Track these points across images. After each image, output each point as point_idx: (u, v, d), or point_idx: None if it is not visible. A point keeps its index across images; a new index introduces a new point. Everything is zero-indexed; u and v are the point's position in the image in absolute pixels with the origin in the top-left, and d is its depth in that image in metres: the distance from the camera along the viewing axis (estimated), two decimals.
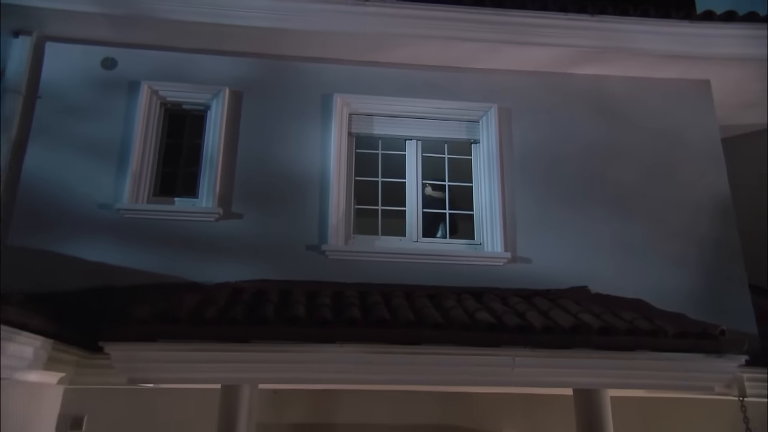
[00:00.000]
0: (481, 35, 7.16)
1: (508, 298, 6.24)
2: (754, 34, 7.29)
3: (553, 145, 7.62)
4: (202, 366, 5.03)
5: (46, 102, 6.80)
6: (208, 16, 6.71)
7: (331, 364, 5.11)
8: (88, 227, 6.48)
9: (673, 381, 5.47)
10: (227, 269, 6.58)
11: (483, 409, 7.11)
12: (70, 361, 5.38)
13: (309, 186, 7.15)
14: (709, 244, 7.37)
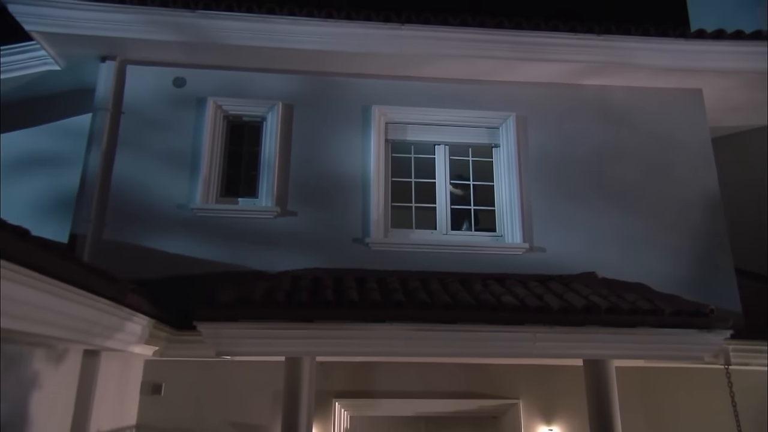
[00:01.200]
0: (501, 53, 7.56)
1: (527, 283, 6.69)
2: (741, 50, 7.64)
3: (564, 148, 7.98)
4: (275, 341, 5.63)
5: (129, 117, 7.32)
6: (265, 41, 7.20)
7: (382, 340, 5.65)
8: (168, 224, 7.00)
9: (669, 352, 5.96)
10: (286, 259, 7.08)
11: (502, 379, 7.53)
12: (163, 337, 5.99)
13: (352, 186, 7.58)
14: (700, 235, 7.73)
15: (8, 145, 7.39)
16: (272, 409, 7.03)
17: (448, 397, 7.56)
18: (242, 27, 7.14)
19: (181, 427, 6.93)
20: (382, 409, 7.56)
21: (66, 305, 3.91)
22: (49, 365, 4.97)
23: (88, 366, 5.68)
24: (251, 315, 5.43)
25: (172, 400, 6.97)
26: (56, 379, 5.12)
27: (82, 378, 5.66)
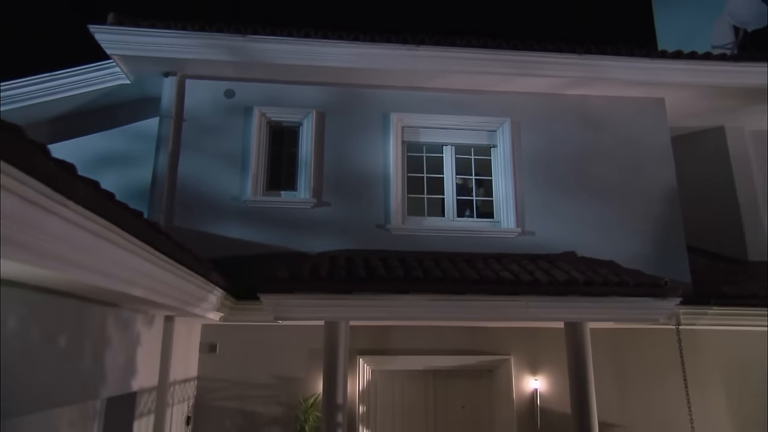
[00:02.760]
0: (499, 69, 8.09)
1: (520, 261, 7.34)
2: (694, 67, 8.23)
3: (550, 148, 8.50)
4: (319, 309, 6.35)
5: (189, 124, 7.88)
6: (302, 59, 7.75)
7: (405, 308, 6.39)
8: (224, 213, 7.63)
9: (633, 316, 6.70)
10: (322, 242, 7.74)
11: (497, 339, 8.17)
12: (228, 306, 6.72)
13: (375, 181, 8.15)
14: (660, 221, 8.32)
15: (87, 147, 7.96)
16: (307, 364, 7.77)
17: (452, 354, 8.17)
18: (283, 48, 7.67)
19: (233, 379, 7.65)
20: (398, 363, 8.18)
21: (176, 280, 4.73)
22: (145, 327, 5.81)
23: (167, 329, 6.49)
24: (301, 288, 6.14)
25: (225, 357, 7.68)
26: (149, 338, 5.96)
27: (164, 338, 6.40)
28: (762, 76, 8.14)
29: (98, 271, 3.28)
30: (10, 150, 2.04)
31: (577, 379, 6.57)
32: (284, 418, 7.56)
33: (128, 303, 5.01)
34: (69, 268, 2.92)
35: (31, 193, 2.30)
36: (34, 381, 3.74)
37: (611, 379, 8.04)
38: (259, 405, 7.64)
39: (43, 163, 2.27)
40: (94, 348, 4.61)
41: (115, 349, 5.02)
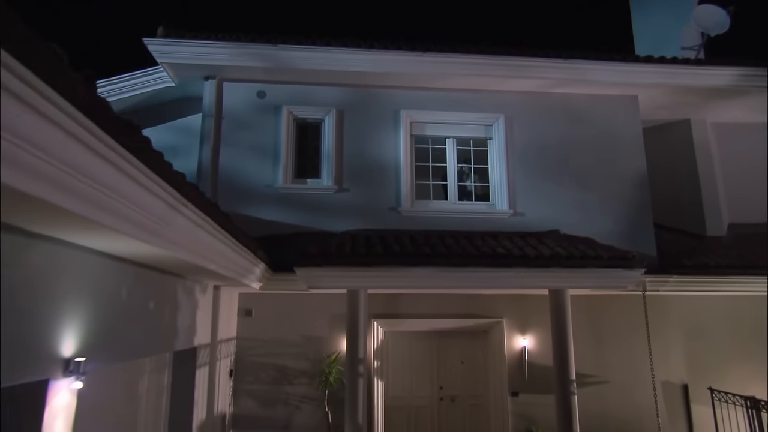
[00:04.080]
0: (494, 72, 8.47)
1: (512, 238, 7.93)
2: (663, 70, 8.66)
3: (539, 140, 8.88)
4: (344, 279, 6.96)
5: (228, 121, 8.33)
6: (324, 64, 8.16)
7: (415, 278, 6.99)
8: (260, 199, 8.14)
9: (606, 284, 7.26)
10: (343, 223, 8.25)
11: (491, 304, 8.75)
12: (267, 277, 7.39)
13: (388, 169, 8.57)
14: (632, 203, 8.78)
15: None
16: (329, 326, 8.43)
17: (453, 317, 8.74)
18: (308, 55, 8.09)
19: (266, 339, 8.31)
20: (406, 325, 8.79)
21: (236, 257, 5.49)
22: (201, 295, 6.57)
23: (216, 297, 7.23)
24: (329, 262, 6.78)
25: (259, 320, 8.34)
26: (204, 304, 6.72)
27: (213, 304, 7.17)
28: (720, 78, 8.70)
29: (195, 252, 4.05)
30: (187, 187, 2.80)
31: (559, 338, 7.13)
32: (311, 371, 8.21)
33: (192, 275, 5.77)
34: (180, 249, 3.69)
35: (171, 200, 3.06)
36: (133, 335, 4.55)
37: (588, 337, 8.63)
38: (289, 360, 8.30)
39: (190, 190, 3.03)
40: (169, 311, 5.40)
41: (182, 312, 5.81)
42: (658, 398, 8.36)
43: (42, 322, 3.02)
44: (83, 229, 2.72)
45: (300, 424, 8.13)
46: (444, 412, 8.86)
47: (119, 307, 4.10)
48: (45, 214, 2.36)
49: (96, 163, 2.30)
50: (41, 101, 1.82)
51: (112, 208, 2.62)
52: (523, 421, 8.39)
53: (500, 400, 8.66)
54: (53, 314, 3.13)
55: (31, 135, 1.87)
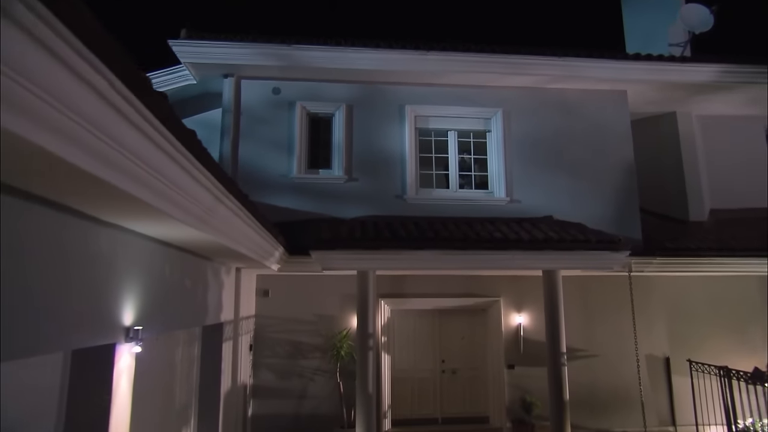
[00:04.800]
0: (493, 69, 8.74)
1: (509, 224, 8.24)
2: (651, 67, 8.91)
3: (534, 132, 9.15)
4: (354, 261, 7.30)
5: (246, 116, 8.64)
6: (334, 63, 8.46)
7: (419, 260, 7.31)
8: (276, 188, 8.49)
9: (594, 265, 7.61)
10: (353, 210, 8.58)
11: (489, 284, 9.13)
12: (284, 260, 7.77)
13: (394, 160, 8.87)
14: (620, 191, 9.08)
15: None
16: (340, 305, 8.85)
17: (454, 296, 9.12)
18: (320, 55, 8.40)
19: (282, 317, 8.73)
20: (411, 304, 9.19)
21: (261, 241, 5.92)
22: (226, 276, 7.02)
23: (238, 278, 7.66)
24: (341, 246, 7.13)
25: (276, 299, 8.76)
26: (228, 284, 7.17)
27: (236, 284, 7.61)
28: (703, 74, 9.01)
29: (231, 237, 4.51)
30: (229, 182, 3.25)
31: (551, 315, 7.50)
32: (323, 346, 8.65)
33: (220, 258, 6.23)
34: (220, 235, 4.15)
35: (217, 193, 3.51)
36: (175, 309, 5.02)
37: (579, 315, 9.05)
38: (303, 336, 8.75)
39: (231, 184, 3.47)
40: (201, 289, 5.87)
41: (211, 291, 6.28)
42: (643, 370, 8.83)
43: (108, 295, 3.48)
44: (149, 217, 3.18)
45: (314, 394, 8.60)
46: (446, 383, 9.31)
47: (164, 284, 4.57)
48: (122, 204, 2.81)
49: (168, 164, 2.74)
50: (139, 120, 2.27)
51: (174, 200, 3.07)
52: (518, 392, 8.83)
53: (497, 372, 9.10)
54: (116, 289, 3.59)
55: (131, 144, 2.31)
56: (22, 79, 1.58)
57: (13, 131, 1.62)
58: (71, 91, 1.84)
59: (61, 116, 1.83)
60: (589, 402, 8.81)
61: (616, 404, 8.85)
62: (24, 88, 1.60)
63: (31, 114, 1.68)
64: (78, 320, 3.09)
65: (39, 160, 1.93)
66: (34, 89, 1.64)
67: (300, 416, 8.54)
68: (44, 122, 1.76)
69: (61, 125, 1.85)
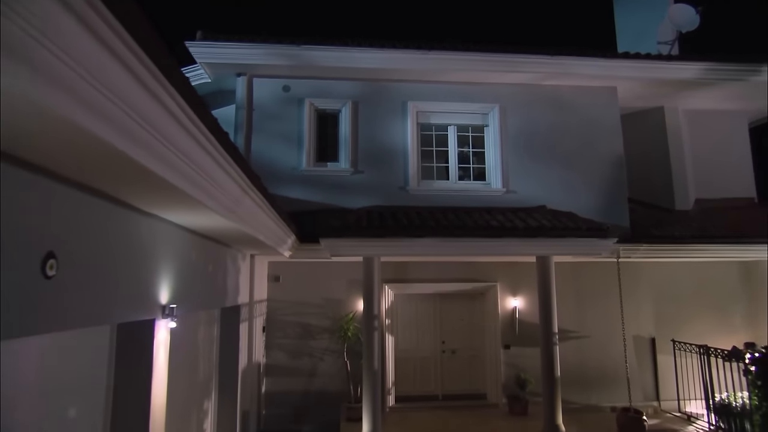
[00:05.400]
0: (490, 67, 8.97)
1: (505, 213, 8.52)
2: (639, 65, 9.15)
3: (529, 127, 9.41)
4: (360, 248, 7.58)
5: (258, 113, 8.90)
6: (341, 62, 8.71)
7: (422, 247, 7.59)
8: (287, 180, 8.77)
9: (583, 251, 7.88)
10: (358, 200, 8.87)
11: (487, 270, 9.45)
12: (294, 247, 8.04)
13: (397, 153, 9.12)
14: (609, 182, 9.35)
15: None
16: (346, 289, 9.19)
17: (453, 281, 9.44)
18: (327, 54, 8.65)
19: (292, 300, 9.07)
20: (412, 289, 9.52)
21: (277, 229, 6.27)
22: (242, 262, 7.38)
23: (252, 264, 7.99)
24: (348, 234, 7.40)
25: (286, 284, 9.10)
26: (244, 269, 7.53)
27: (250, 270, 7.92)
28: (689, 71, 9.28)
29: (252, 225, 4.88)
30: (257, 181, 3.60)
31: (544, 299, 7.81)
32: (331, 328, 9.02)
33: (238, 245, 6.59)
34: (244, 223, 4.51)
35: (243, 185, 3.87)
36: (201, 291, 5.40)
37: (571, 299, 9.41)
38: (312, 318, 9.12)
39: (255, 178, 3.83)
40: (223, 273, 6.25)
41: (229, 275, 6.65)
42: (630, 349, 9.19)
43: (148, 276, 3.85)
44: (187, 207, 3.53)
45: (323, 372, 9.00)
46: (446, 362, 9.71)
47: (191, 268, 4.94)
48: (167, 194, 3.16)
49: (208, 161, 3.09)
50: (191, 127, 2.62)
51: (209, 191, 3.43)
52: (513, 370, 9.22)
53: (494, 352, 9.46)
54: (154, 271, 3.96)
55: (180, 145, 2.67)
56: (106, 91, 1.94)
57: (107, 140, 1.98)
58: (143, 103, 2.19)
59: (142, 130, 2.20)
60: (580, 379, 9.21)
61: (604, 381, 9.25)
62: (109, 101, 1.96)
63: (117, 126, 2.05)
64: (124, 297, 3.46)
65: (115, 161, 2.29)
66: (121, 106, 1.99)
67: (310, 393, 8.94)
68: (127, 133, 2.12)
69: (140, 135, 2.22)
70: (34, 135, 1.96)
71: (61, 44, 1.62)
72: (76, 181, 2.74)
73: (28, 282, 2.37)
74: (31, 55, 1.52)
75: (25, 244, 2.35)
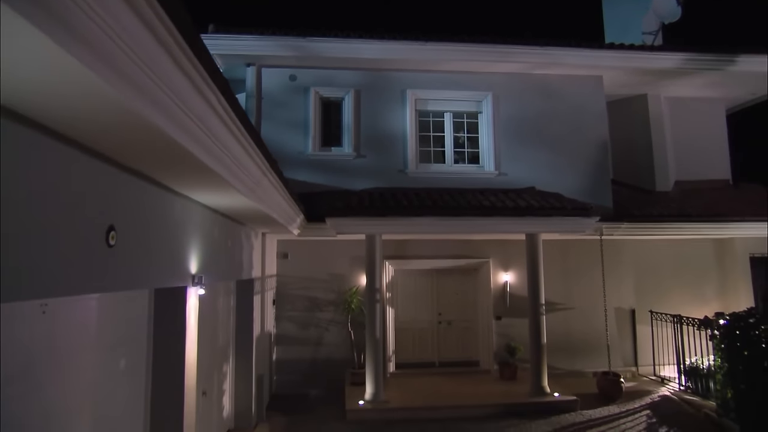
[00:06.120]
0: (484, 57, 9.26)
1: (497, 194, 8.86)
2: (622, 55, 9.45)
3: (520, 113, 9.71)
4: (363, 226, 7.98)
5: (266, 101, 9.20)
6: (344, 52, 8.97)
7: (420, 226, 7.99)
8: (294, 164, 9.06)
9: (568, 228, 8.26)
10: (361, 182, 9.22)
11: (480, 247, 9.85)
12: (302, 225, 8.42)
13: (397, 139, 9.45)
14: (594, 165, 9.70)
15: None
16: (349, 265, 9.61)
17: (449, 258, 9.84)
18: (331, 45, 8.92)
19: (300, 275, 9.49)
20: (411, 265, 9.93)
21: (288, 209, 6.68)
22: (255, 239, 7.78)
23: (263, 241, 8.41)
24: (352, 213, 7.81)
25: (294, 260, 9.51)
26: (256, 246, 7.93)
27: (262, 247, 8.31)
28: (670, 61, 9.60)
29: (268, 205, 5.29)
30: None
31: (533, 273, 8.23)
32: (336, 301, 9.47)
33: (252, 223, 7.00)
34: (262, 203, 4.92)
35: (263, 168, 4.27)
36: (222, 264, 5.83)
37: (558, 274, 9.83)
38: (319, 292, 9.56)
39: (272, 161, 4.23)
40: (239, 249, 6.67)
41: (245, 251, 7.07)
42: (611, 320, 9.71)
43: (180, 249, 4.27)
44: (216, 187, 3.94)
45: (329, 341, 9.49)
46: (442, 333, 10.20)
47: (214, 243, 5.36)
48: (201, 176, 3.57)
49: (236, 146, 3.50)
50: (227, 118, 3.02)
51: (236, 173, 3.83)
52: (504, 339, 9.71)
53: (487, 322, 9.94)
54: (186, 244, 4.38)
55: (217, 133, 3.07)
56: (170, 93, 2.34)
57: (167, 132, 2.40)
58: (192, 99, 2.60)
59: (190, 121, 2.60)
60: (565, 347, 9.72)
61: (587, 349, 9.75)
62: (168, 97, 2.36)
63: (175, 120, 2.45)
64: (163, 266, 3.89)
65: (169, 148, 2.70)
66: (177, 102, 2.40)
67: (317, 360, 9.44)
68: (180, 124, 2.53)
69: (188, 126, 2.63)
70: (110, 129, 2.37)
71: (143, 58, 2.01)
72: (130, 167, 3.14)
73: (96, 249, 2.79)
74: (122, 67, 1.92)
75: (93, 218, 2.77)
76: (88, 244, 2.69)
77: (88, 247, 2.69)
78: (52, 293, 2.46)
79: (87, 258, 2.69)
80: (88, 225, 2.71)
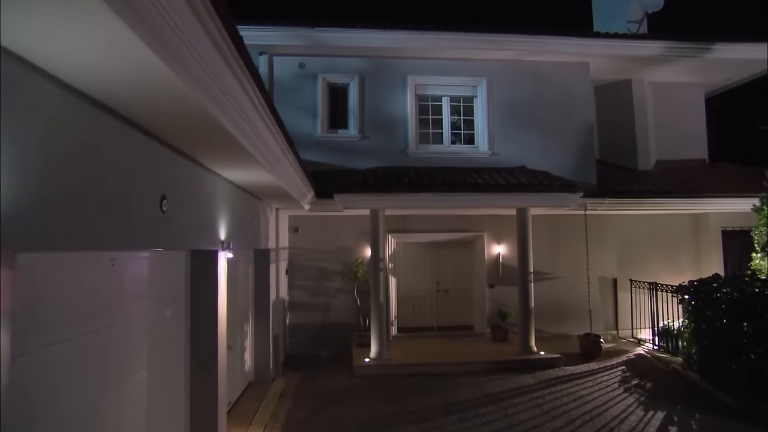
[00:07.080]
0: (479, 45, 9.53)
1: (490, 172, 9.22)
2: (608, 43, 9.74)
3: (513, 97, 10.03)
4: (368, 202, 8.35)
5: (278, 87, 9.55)
6: (349, 41, 9.26)
7: (420, 201, 8.34)
8: (304, 145, 9.29)
9: (555, 203, 8.69)
10: (365, 162, 9.61)
11: (475, 222, 10.29)
12: (312, 201, 8.84)
13: (398, 122, 9.80)
14: (581, 146, 10.06)
15: None
16: (355, 239, 10.06)
17: (446, 232, 10.28)
18: (337, 35, 9.21)
19: (310, 248, 9.98)
20: (412, 238, 10.37)
21: (301, 185, 7.13)
22: (270, 214, 8.25)
23: (277, 216, 8.90)
24: (358, 190, 8.22)
25: (304, 234, 9.98)
26: (272, 220, 8.43)
27: (276, 221, 8.79)
28: (653, 49, 9.90)
29: (286, 181, 5.75)
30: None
31: (523, 245, 8.65)
32: (343, 271, 9.97)
33: (268, 198, 7.47)
34: (281, 179, 5.39)
35: (284, 147, 4.73)
36: (244, 233, 6.32)
37: (546, 246, 10.31)
38: (327, 263, 10.06)
39: (290, 141, 4.68)
40: (257, 221, 7.16)
41: (261, 224, 7.55)
42: (595, 288, 10.24)
43: (212, 217, 4.76)
44: (244, 163, 4.40)
45: (337, 307, 10.04)
46: (440, 300, 10.71)
47: (237, 215, 5.84)
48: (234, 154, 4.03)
49: (262, 126, 3.96)
50: (257, 101, 3.48)
51: (262, 151, 4.29)
52: (496, 305, 10.24)
53: (481, 291, 10.46)
54: (216, 214, 4.87)
55: (251, 118, 3.54)
56: (219, 84, 2.80)
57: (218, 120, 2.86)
58: (237, 92, 3.05)
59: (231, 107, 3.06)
60: (552, 313, 10.25)
61: (572, 314, 10.29)
62: (219, 92, 2.82)
63: (221, 106, 2.92)
64: (199, 231, 4.38)
65: (212, 129, 3.16)
66: (223, 91, 2.86)
67: (326, 324, 10.01)
68: (227, 112, 3.00)
69: (228, 109, 3.09)
70: (165, 114, 2.83)
71: (205, 58, 2.47)
72: (173, 145, 3.61)
73: (152, 214, 3.28)
74: (192, 69, 2.38)
75: (151, 187, 3.25)
76: (148, 208, 3.18)
77: (148, 211, 3.18)
78: (124, 246, 2.96)
79: (147, 220, 3.18)
80: (148, 193, 3.20)
